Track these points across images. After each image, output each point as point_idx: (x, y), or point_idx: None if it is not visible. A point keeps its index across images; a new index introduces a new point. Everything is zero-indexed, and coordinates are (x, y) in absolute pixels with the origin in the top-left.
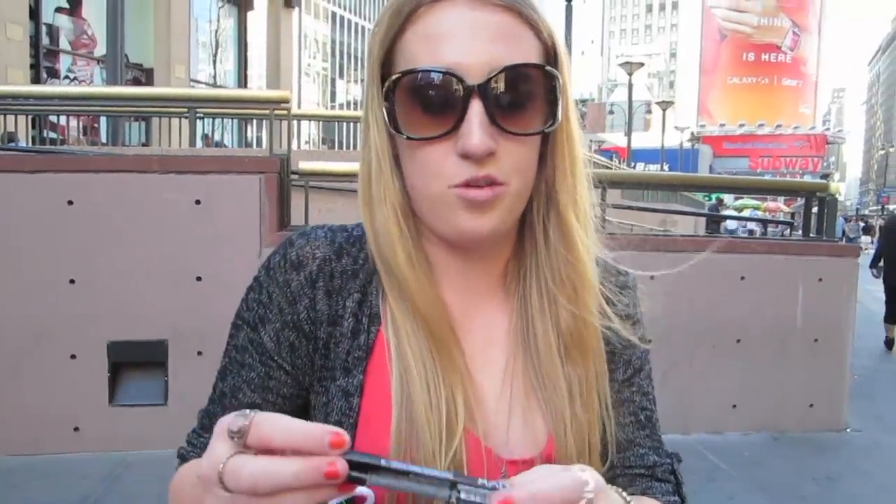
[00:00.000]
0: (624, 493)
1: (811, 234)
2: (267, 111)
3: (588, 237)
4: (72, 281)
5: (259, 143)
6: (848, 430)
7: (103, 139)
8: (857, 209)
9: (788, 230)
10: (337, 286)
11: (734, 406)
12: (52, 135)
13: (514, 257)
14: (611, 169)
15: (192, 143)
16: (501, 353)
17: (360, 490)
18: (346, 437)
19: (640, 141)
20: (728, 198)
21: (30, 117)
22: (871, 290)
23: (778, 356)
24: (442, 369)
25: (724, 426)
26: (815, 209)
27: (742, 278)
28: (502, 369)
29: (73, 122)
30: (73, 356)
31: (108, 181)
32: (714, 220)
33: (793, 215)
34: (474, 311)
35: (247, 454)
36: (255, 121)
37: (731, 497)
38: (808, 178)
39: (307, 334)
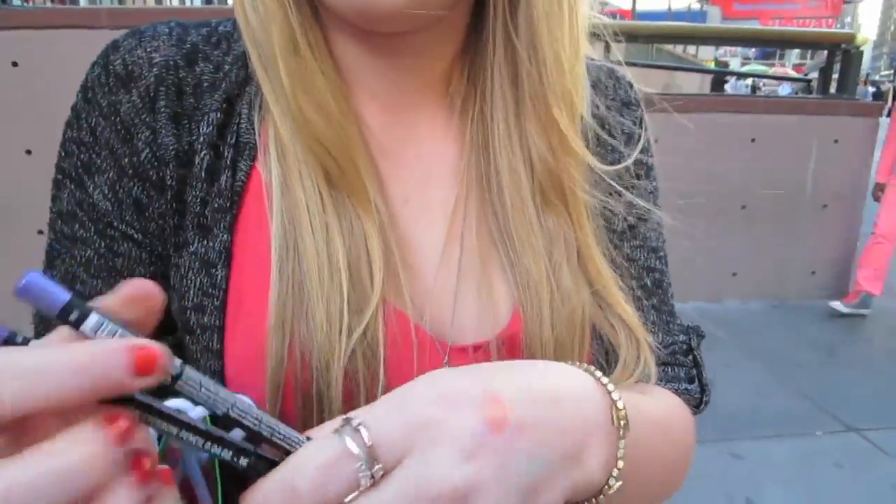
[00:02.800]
0: None
1: (830, 92)
2: None
3: (574, 32)
4: (28, 151)
5: None
6: None
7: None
8: (868, 74)
9: (805, 90)
10: (188, 107)
11: (734, 274)
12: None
13: (462, 57)
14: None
15: None
16: (445, 195)
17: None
18: (158, 350)
19: (646, 3)
20: (734, 64)
21: None
22: None
23: (783, 222)
24: (351, 217)
25: (724, 294)
26: (836, 65)
27: (752, 140)
28: (447, 218)
29: None
30: (39, 231)
31: (54, 39)
32: (721, 83)
33: (806, 76)
34: (405, 134)
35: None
36: None
37: (729, 365)
38: None
39: (155, 183)
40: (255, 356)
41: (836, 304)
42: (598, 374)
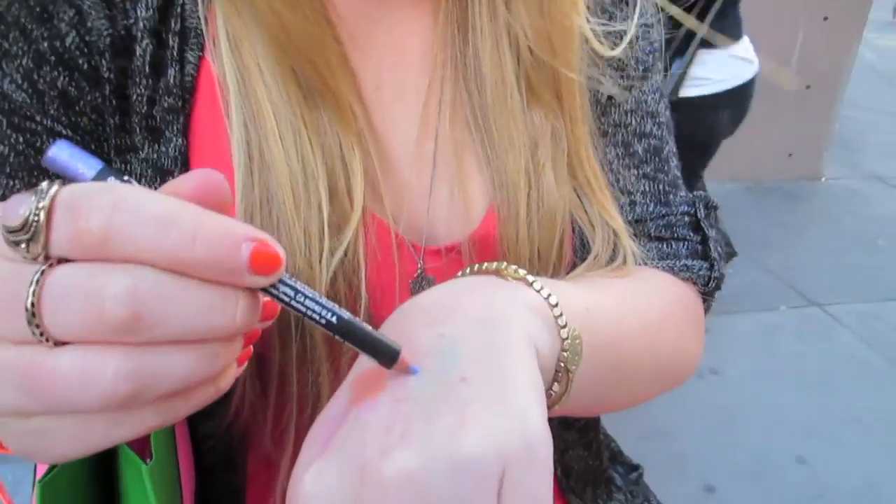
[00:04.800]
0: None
1: None
2: None
3: None
4: None
5: None
6: (823, 179)
7: None
8: None
9: None
10: None
11: None
12: None
13: None
14: None
15: None
16: (419, 79)
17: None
18: (279, 250)
19: None
20: None
21: None
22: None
23: (764, 104)
24: (325, 119)
25: None
26: None
27: None
28: (420, 104)
29: None
30: None
31: None
32: None
33: None
34: (376, 14)
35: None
36: None
37: None
38: None
39: (87, 74)
40: None
41: None
42: (539, 284)
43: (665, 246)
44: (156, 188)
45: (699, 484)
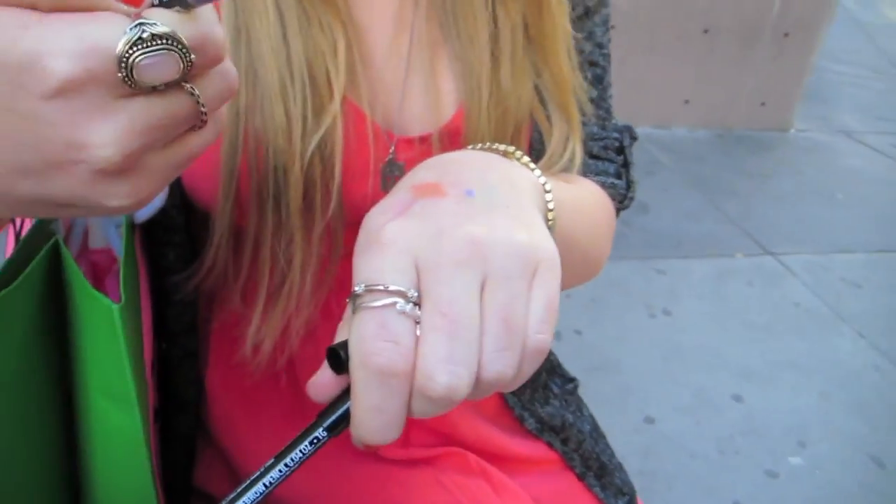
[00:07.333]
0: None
1: None
2: None
3: None
4: None
5: None
6: (792, 130)
7: None
8: None
9: None
10: None
11: (686, 101)
12: None
13: None
14: None
15: None
16: None
17: None
18: None
19: None
20: None
21: None
22: None
23: (742, 50)
24: (307, 4)
25: (673, 121)
26: None
27: None
28: (395, 4)
29: None
30: None
31: None
32: None
33: None
34: None
35: None
36: None
37: (666, 189)
38: None
39: None
40: None
41: None
42: (538, 172)
43: (600, 164)
44: None
45: (640, 415)
